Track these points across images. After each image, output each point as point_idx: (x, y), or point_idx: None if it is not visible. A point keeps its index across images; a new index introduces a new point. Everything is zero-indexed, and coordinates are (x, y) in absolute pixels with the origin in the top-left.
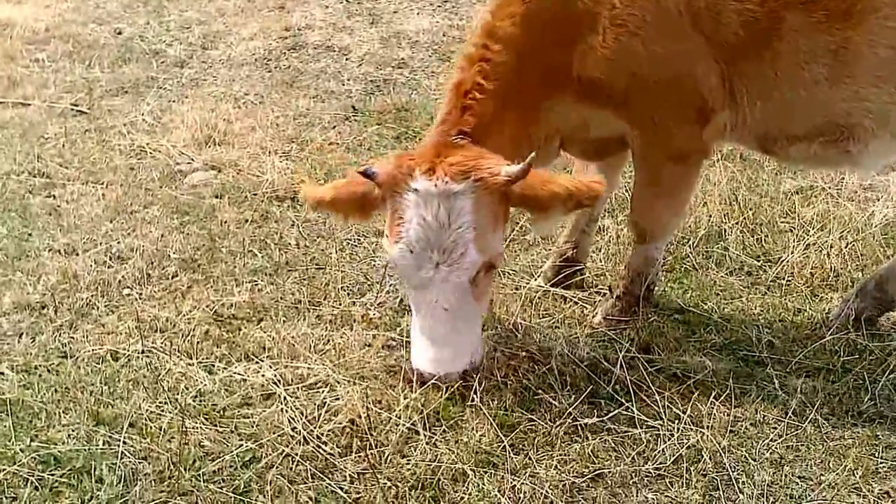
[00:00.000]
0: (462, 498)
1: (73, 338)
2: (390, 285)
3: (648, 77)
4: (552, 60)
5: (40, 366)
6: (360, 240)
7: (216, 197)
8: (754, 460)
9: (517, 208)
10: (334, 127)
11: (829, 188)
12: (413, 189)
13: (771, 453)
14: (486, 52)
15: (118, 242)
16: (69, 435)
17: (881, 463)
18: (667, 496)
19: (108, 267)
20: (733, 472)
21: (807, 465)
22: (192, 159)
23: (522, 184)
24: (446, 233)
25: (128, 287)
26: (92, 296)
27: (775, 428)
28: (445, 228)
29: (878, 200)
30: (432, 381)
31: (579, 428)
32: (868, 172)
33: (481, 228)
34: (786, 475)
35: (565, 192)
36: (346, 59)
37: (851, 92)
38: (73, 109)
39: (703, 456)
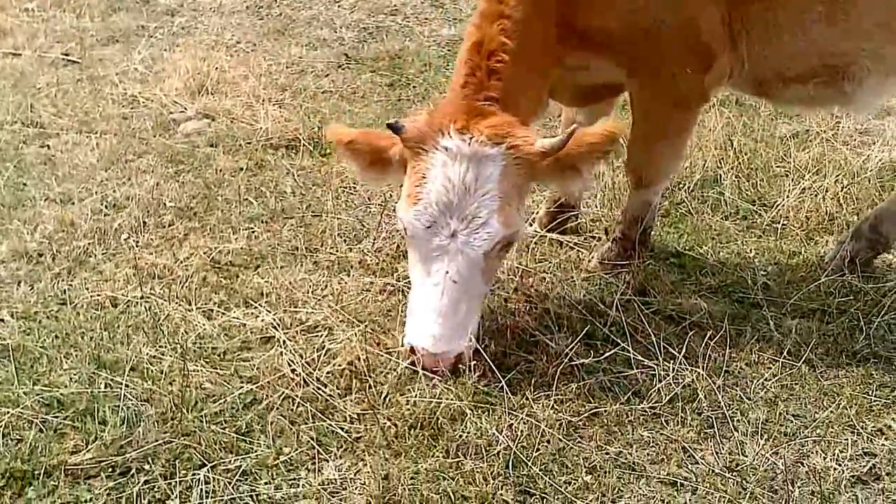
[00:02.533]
0: (460, 436)
1: (71, 285)
2: (387, 231)
3: (654, 23)
4: (560, 12)
5: (40, 312)
6: (355, 188)
7: (210, 145)
8: (749, 399)
9: (543, 182)
10: (327, 75)
11: (825, 132)
12: (442, 147)
13: (766, 392)
14: (503, 7)
15: (114, 191)
16: (71, 378)
17: (875, 401)
18: (662, 434)
19: (105, 215)
20: (728, 410)
21: (801, 404)
22: (186, 108)
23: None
24: (470, 198)
25: (125, 235)
26: (89, 244)
27: (770, 368)
28: (470, 193)
29: (874, 144)
30: (425, 359)
31: (576, 369)
32: (860, 111)
33: (506, 199)
34: (780, 413)
35: (589, 147)
36: (338, 6)
37: (847, 32)
38: (64, 59)
39: (698, 395)
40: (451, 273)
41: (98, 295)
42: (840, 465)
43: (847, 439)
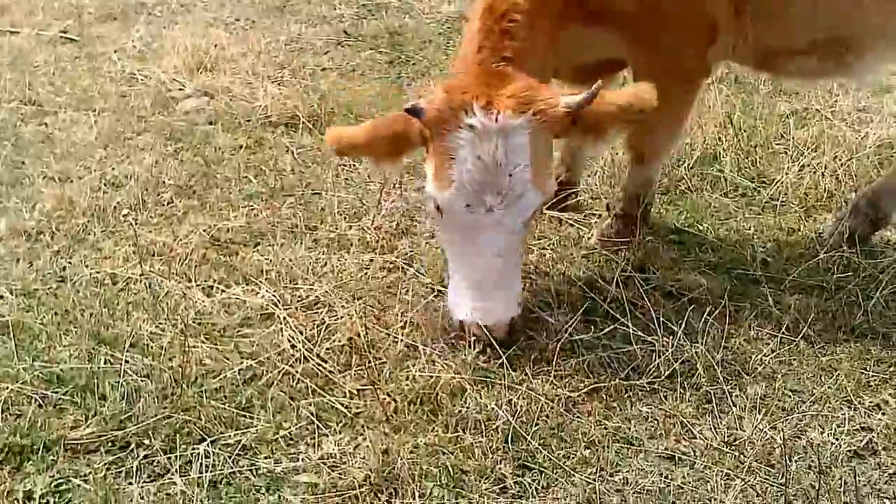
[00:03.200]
0: (460, 411)
1: (70, 262)
2: (387, 209)
3: None
4: None
5: (39, 289)
6: (355, 166)
7: (209, 123)
8: (747, 374)
9: (571, 139)
10: (326, 52)
11: (824, 110)
12: (467, 125)
13: (764, 368)
14: None
15: (112, 169)
16: (71, 354)
17: (872, 376)
18: (661, 409)
19: (104, 193)
20: (727, 385)
21: (799, 379)
22: (184, 86)
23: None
24: (503, 173)
25: (124, 213)
26: (88, 221)
27: (768, 343)
28: (503, 168)
29: (872, 122)
30: (479, 332)
31: (575, 344)
32: (861, 81)
33: (538, 166)
34: (778, 388)
35: (620, 107)
36: None
37: (851, 3)
38: (62, 36)
39: (696, 370)
40: (492, 248)
41: (97, 272)
42: (837, 439)
43: (844, 414)
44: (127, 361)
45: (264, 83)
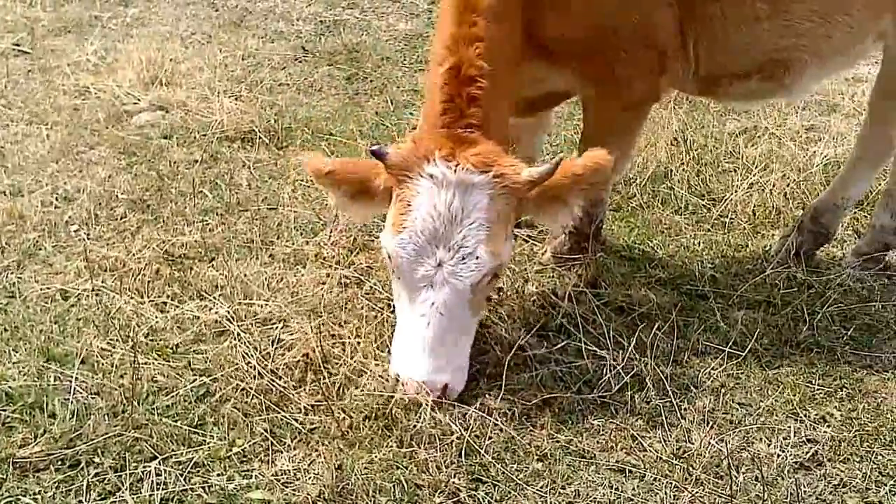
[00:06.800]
0: (414, 426)
1: (20, 277)
2: (343, 225)
3: (612, 30)
4: (523, 25)
5: None
6: (311, 181)
7: (164, 137)
8: (696, 388)
9: (529, 214)
10: (284, 68)
11: (773, 129)
12: (427, 174)
13: (712, 381)
14: (476, 29)
15: (64, 183)
16: (20, 371)
17: (818, 389)
18: (611, 422)
19: (55, 208)
20: (675, 398)
21: (746, 392)
22: (139, 99)
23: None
24: (457, 228)
25: (75, 227)
26: (39, 236)
27: (716, 357)
28: (457, 223)
29: (820, 141)
30: (411, 391)
31: (528, 359)
32: (798, 99)
33: (494, 229)
34: (726, 402)
35: (575, 178)
36: None
37: (789, 28)
38: (14, 49)
39: (646, 384)
40: (438, 304)
41: (48, 288)
42: (783, 451)
43: (790, 426)
44: (77, 378)
45: (220, 98)
